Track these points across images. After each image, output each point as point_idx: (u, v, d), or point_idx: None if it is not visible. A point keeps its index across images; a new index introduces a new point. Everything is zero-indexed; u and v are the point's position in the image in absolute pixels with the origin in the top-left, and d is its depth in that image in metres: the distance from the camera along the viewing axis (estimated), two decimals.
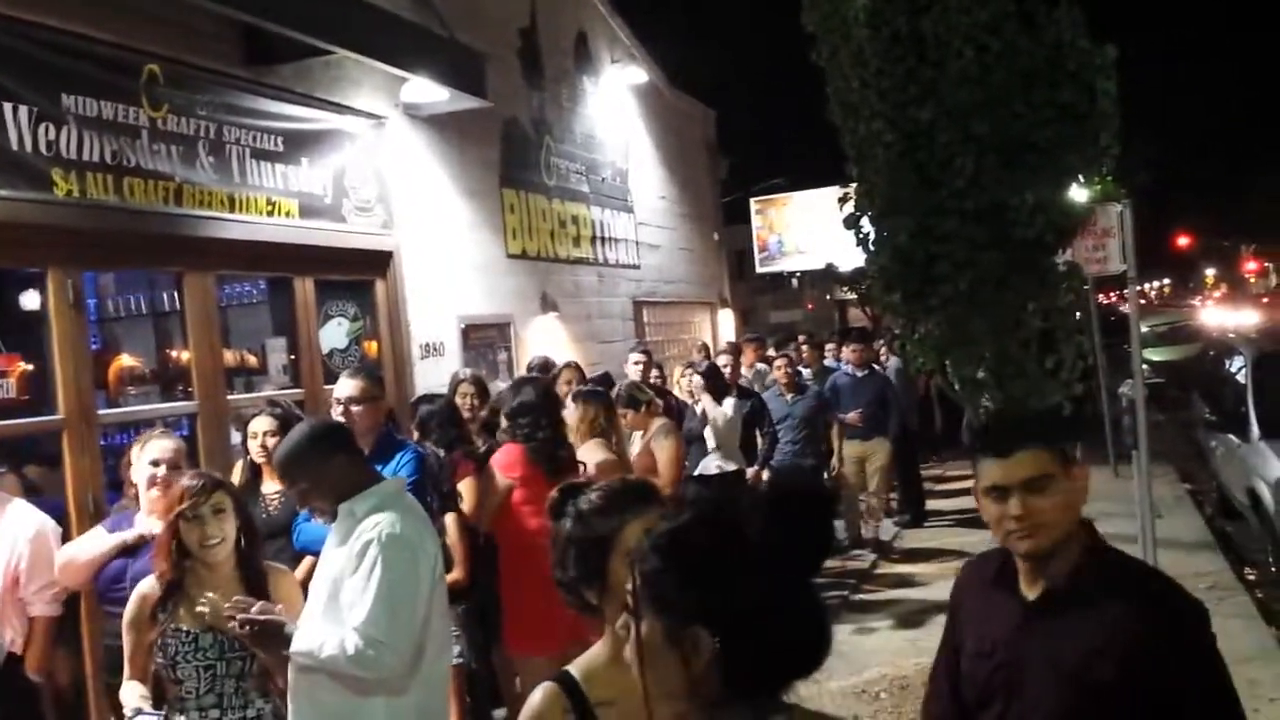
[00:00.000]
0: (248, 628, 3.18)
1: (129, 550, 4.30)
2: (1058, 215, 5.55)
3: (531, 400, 5.11)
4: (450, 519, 5.17)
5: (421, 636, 3.16)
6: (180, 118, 6.18)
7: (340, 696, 3.14)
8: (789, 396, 9.07)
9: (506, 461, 5.10)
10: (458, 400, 6.38)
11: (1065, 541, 2.33)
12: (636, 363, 8.67)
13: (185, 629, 3.43)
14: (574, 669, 2.09)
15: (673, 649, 1.49)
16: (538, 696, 2.05)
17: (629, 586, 1.58)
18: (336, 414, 4.74)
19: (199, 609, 3.37)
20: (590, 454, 5.25)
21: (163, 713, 3.48)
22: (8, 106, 5.18)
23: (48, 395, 5.52)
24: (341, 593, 3.14)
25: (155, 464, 4.25)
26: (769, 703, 1.52)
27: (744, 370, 10.00)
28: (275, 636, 3.19)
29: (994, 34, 5.31)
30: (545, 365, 7.91)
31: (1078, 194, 5.85)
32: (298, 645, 3.14)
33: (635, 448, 6.37)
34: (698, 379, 7.88)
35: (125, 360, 7.76)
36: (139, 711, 3.47)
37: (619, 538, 2.09)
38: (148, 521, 4.33)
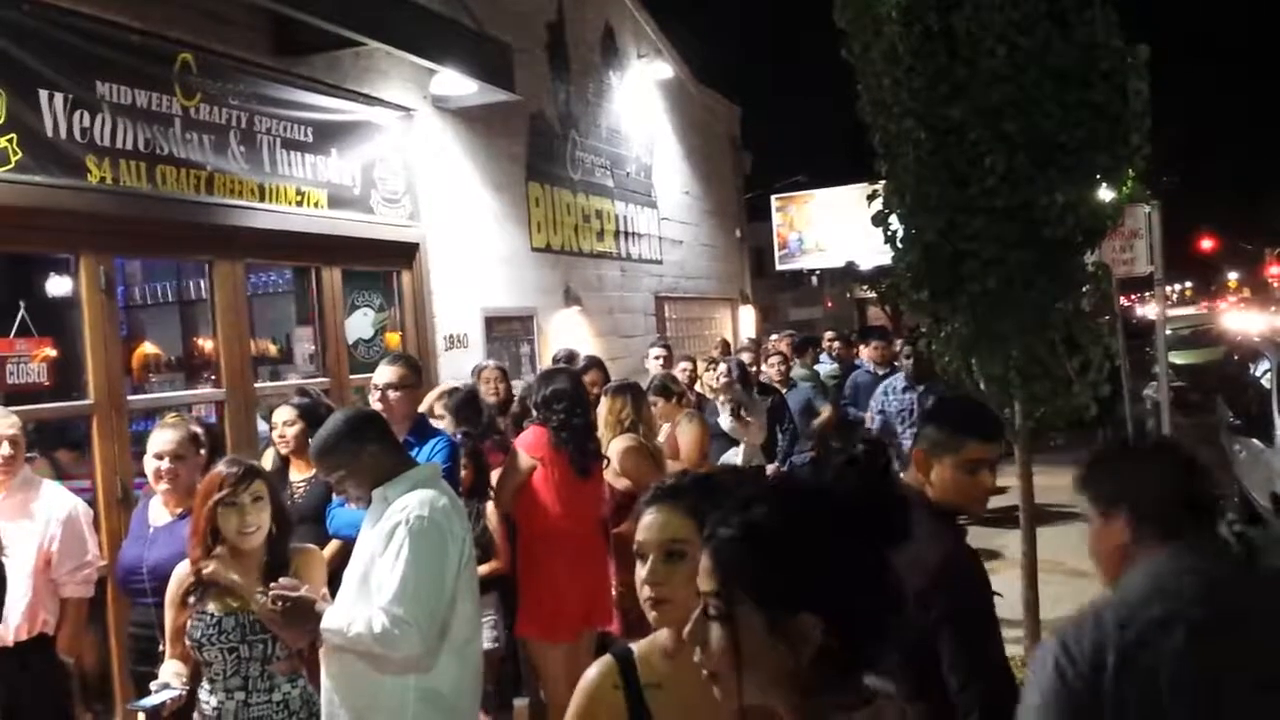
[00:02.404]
0: (280, 604, 3.23)
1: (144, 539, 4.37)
2: (1087, 215, 5.52)
3: (566, 388, 5.15)
4: (490, 507, 5.22)
5: (447, 616, 3.20)
6: (212, 107, 6.23)
7: (371, 674, 3.19)
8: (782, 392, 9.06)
9: (532, 442, 5.12)
10: (482, 388, 6.41)
11: None
12: (657, 357, 8.70)
13: (211, 612, 3.48)
14: (636, 646, 2.13)
15: (777, 639, 1.44)
16: (595, 669, 2.11)
17: (711, 587, 1.50)
18: (374, 400, 4.78)
19: (223, 581, 3.43)
20: (617, 450, 5.28)
21: (185, 688, 3.53)
22: (43, 93, 5.23)
23: (78, 380, 5.58)
24: (371, 573, 3.19)
25: (159, 457, 4.29)
26: (858, 686, 1.50)
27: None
28: (307, 614, 3.25)
29: (1026, 33, 5.28)
30: (570, 357, 7.93)
31: (1106, 194, 5.82)
32: (328, 623, 3.20)
33: (661, 438, 6.39)
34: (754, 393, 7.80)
35: (148, 348, 7.83)
36: (165, 686, 3.53)
37: None
38: (161, 513, 4.38)
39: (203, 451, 4.51)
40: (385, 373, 4.82)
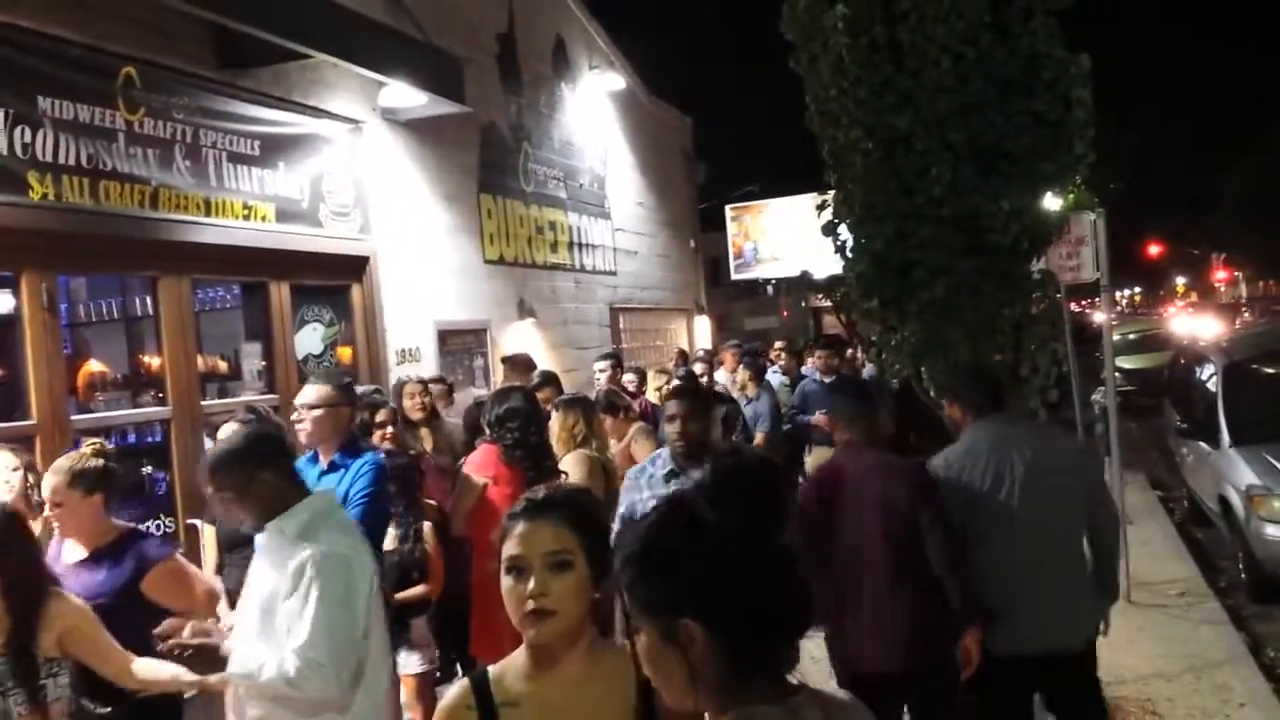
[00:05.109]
0: (180, 651, 3.14)
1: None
2: (1033, 223, 5.60)
3: (520, 406, 5.10)
4: (428, 527, 5.15)
5: (361, 652, 3.11)
6: (156, 121, 6.15)
7: (287, 716, 3.10)
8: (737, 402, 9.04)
9: (481, 461, 5.08)
10: (405, 402, 6.32)
11: None
12: (602, 370, 8.63)
13: None
14: (492, 668, 2.14)
15: (670, 646, 1.56)
16: (451, 692, 2.14)
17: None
18: (295, 419, 4.65)
19: None
20: (572, 465, 5.25)
21: None
22: None
23: (20, 400, 5.48)
24: (277, 615, 3.08)
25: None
26: (777, 683, 1.59)
27: (722, 376, 10.00)
28: (211, 659, 3.15)
29: (970, 43, 5.36)
30: (528, 363, 7.89)
31: (1052, 202, 5.89)
32: (234, 668, 3.09)
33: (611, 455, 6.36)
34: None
35: (94, 365, 7.69)
36: None
37: None
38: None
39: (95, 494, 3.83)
40: (306, 393, 4.60)
